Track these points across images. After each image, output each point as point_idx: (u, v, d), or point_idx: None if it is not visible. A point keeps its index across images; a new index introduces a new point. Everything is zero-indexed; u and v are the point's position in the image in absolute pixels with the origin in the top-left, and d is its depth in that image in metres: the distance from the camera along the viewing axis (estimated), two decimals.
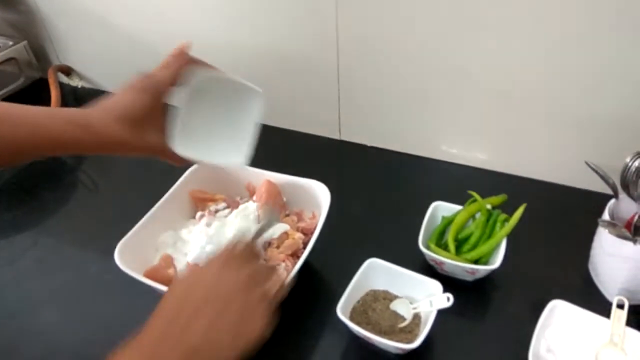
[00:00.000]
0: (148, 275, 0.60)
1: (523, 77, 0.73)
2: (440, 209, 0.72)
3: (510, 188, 0.74)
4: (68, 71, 1.14)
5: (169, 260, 0.62)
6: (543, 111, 0.75)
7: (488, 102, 0.78)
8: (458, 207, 0.71)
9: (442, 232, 0.70)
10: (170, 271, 0.61)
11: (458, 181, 0.81)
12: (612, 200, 0.64)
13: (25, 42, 1.11)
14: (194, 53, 0.55)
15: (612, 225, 0.59)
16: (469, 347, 0.61)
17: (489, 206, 0.69)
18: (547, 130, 0.77)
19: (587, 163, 0.62)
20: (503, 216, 0.68)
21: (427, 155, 0.88)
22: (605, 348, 0.56)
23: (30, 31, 1.12)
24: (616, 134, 0.71)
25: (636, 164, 0.59)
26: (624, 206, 0.63)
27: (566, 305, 0.59)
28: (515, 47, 0.70)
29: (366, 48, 0.81)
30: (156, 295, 0.61)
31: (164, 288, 0.57)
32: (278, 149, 0.95)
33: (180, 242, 0.65)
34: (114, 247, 0.62)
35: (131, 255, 0.61)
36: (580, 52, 0.68)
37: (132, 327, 0.66)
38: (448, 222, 0.70)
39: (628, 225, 0.62)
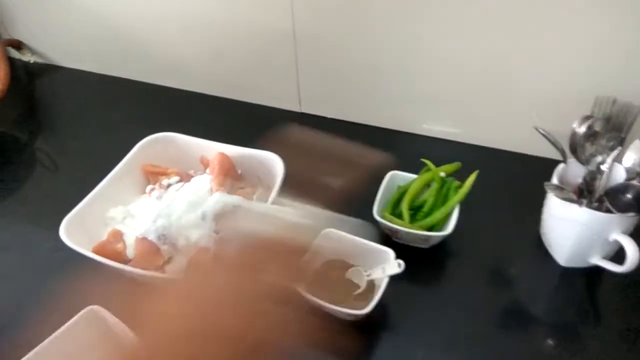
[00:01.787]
0: (96, 250, 0.59)
1: (474, 48, 0.73)
2: (397, 179, 0.72)
3: (466, 156, 0.74)
4: (19, 45, 1.09)
5: (117, 235, 0.61)
6: (494, 81, 0.75)
7: (444, 73, 0.77)
8: (414, 176, 0.71)
9: (398, 201, 0.71)
10: (119, 246, 0.60)
11: (416, 151, 0.80)
12: (561, 165, 0.64)
13: None
14: (145, 23, 0.52)
15: (558, 188, 0.60)
16: (423, 311, 0.62)
17: (442, 174, 0.69)
18: (498, 99, 0.77)
19: (536, 128, 0.63)
20: (456, 184, 0.68)
21: (386, 126, 0.88)
22: None
23: None
24: (566, 100, 0.71)
25: (583, 128, 0.60)
26: (572, 170, 0.64)
27: None
28: (467, 20, 0.70)
29: (322, 18, 0.79)
30: (105, 271, 0.60)
31: (112, 263, 0.57)
32: (236, 122, 0.93)
33: (129, 217, 0.64)
34: None
35: (79, 231, 0.59)
36: (527, 22, 0.68)
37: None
38: (403, 191, 0.70)
39: (578, 189, 0.63)
